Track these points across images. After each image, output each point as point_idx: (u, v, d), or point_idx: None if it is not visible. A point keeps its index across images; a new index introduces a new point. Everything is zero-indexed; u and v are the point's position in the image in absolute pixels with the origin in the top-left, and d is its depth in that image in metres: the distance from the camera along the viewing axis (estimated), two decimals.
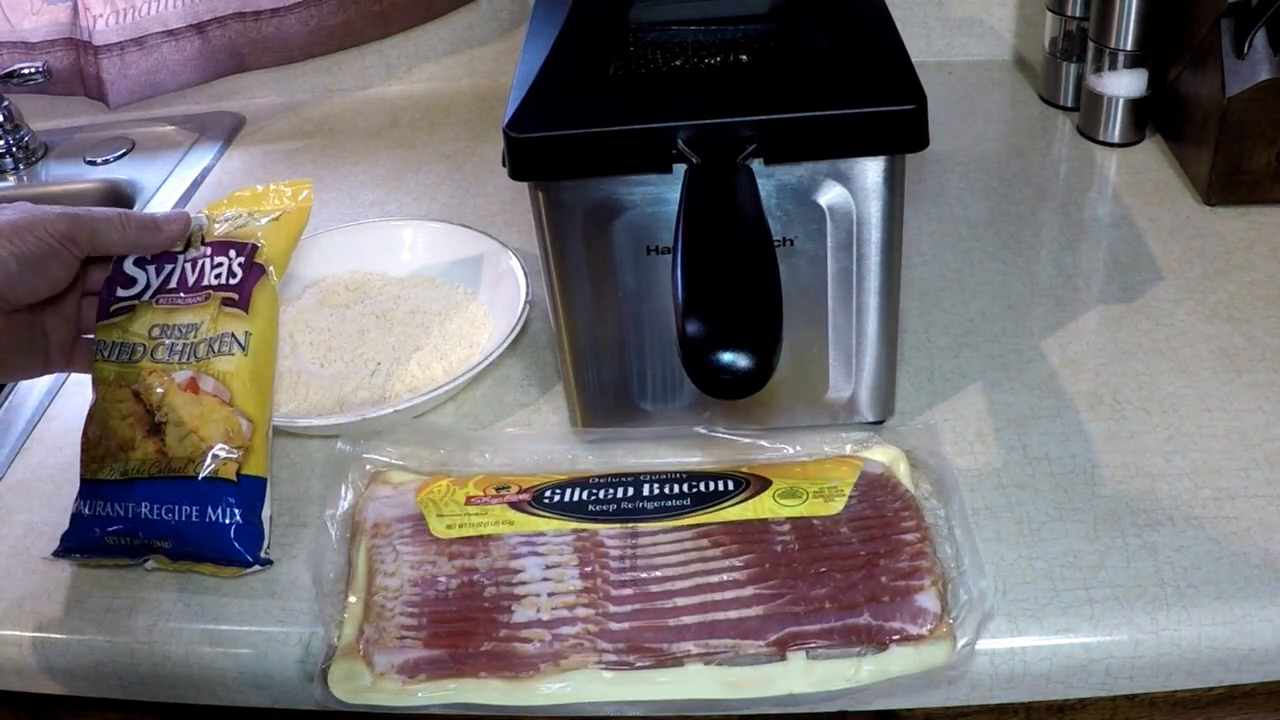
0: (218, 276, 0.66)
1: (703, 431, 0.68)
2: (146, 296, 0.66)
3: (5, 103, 1.11)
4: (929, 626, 0.56)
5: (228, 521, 0.63)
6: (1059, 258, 0.85)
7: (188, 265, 0.67)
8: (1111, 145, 0.97)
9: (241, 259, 0.67)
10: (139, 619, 0.63)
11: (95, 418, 0.65)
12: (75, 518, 0.65)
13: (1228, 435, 0.68)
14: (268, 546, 0.64)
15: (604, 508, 0.62)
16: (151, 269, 0.67)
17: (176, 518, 0.63)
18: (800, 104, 0.57)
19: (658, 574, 0.59)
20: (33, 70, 1.10)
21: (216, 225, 0.68)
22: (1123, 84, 0.94)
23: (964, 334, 0.77)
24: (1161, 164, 0.94)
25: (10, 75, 1.10)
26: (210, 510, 0.63)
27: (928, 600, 0.57)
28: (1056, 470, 0.67)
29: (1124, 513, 0.64)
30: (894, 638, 0.56)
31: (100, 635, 0.62)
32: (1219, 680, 0.60)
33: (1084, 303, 0.80)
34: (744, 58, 0.63)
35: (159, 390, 0.65)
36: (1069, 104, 1.03)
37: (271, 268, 0.67)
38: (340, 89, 1.18)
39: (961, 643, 0.56)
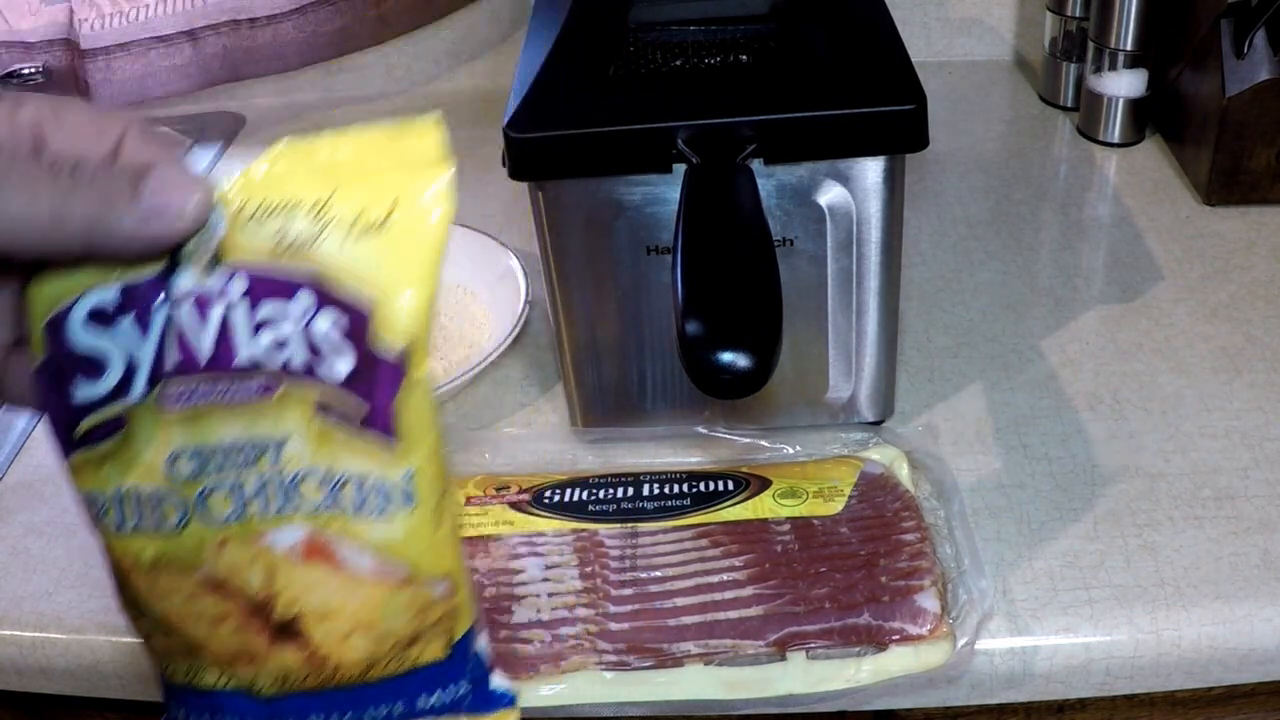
0: (279, 347, 0.35)
1: (703, 431, 0.68)
2: (137, 393, 0.35)
3: None
4: (929, 626, 0.56)
5: (450, 700, 0.41)
6: (1059, 258, 0.85)
7: (190, 310, 0.35)
8: (1111, 145, 0.97)
9: (341, 325, 0.35)
10: None
11: (144, 613, 0.39)
12: None
13: (1228, 435, 0.68)
14: (493, 669, 0.43)
15: (604, 508, 0.62)
16: (128, 323, 0.35)
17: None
18: (800, 104, 0.57)
19: (658, 574, 0.59)
20: (32, 71, 1.10)
21: (246, 228, 0.34)
22: (1123, 84, 0.94)
23: (964, 334, 0.77)
24: (1161, 164, 0.94)
25: (10, 76, 1.10)
26: (422, 698, 0.41)
27: (928, 600, 0.56)
28: (1056, 470, 0.67)
29: (1124, 513, 0.64)
30: (894, 638, 0.56)
31: (100, 635, 0.62)
32: (1219, 680, 0.60)
33: (1084, 303, 0.80)
34: (744, 58, 0.63)
35: (256, 573, 0.37)
36: (1069, 104, 1.03)
37: (412, 349, 0.35)
38: (340, 89, 1.18)
39: (961, 643, 0.56)
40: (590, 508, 0.62)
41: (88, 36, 1.08)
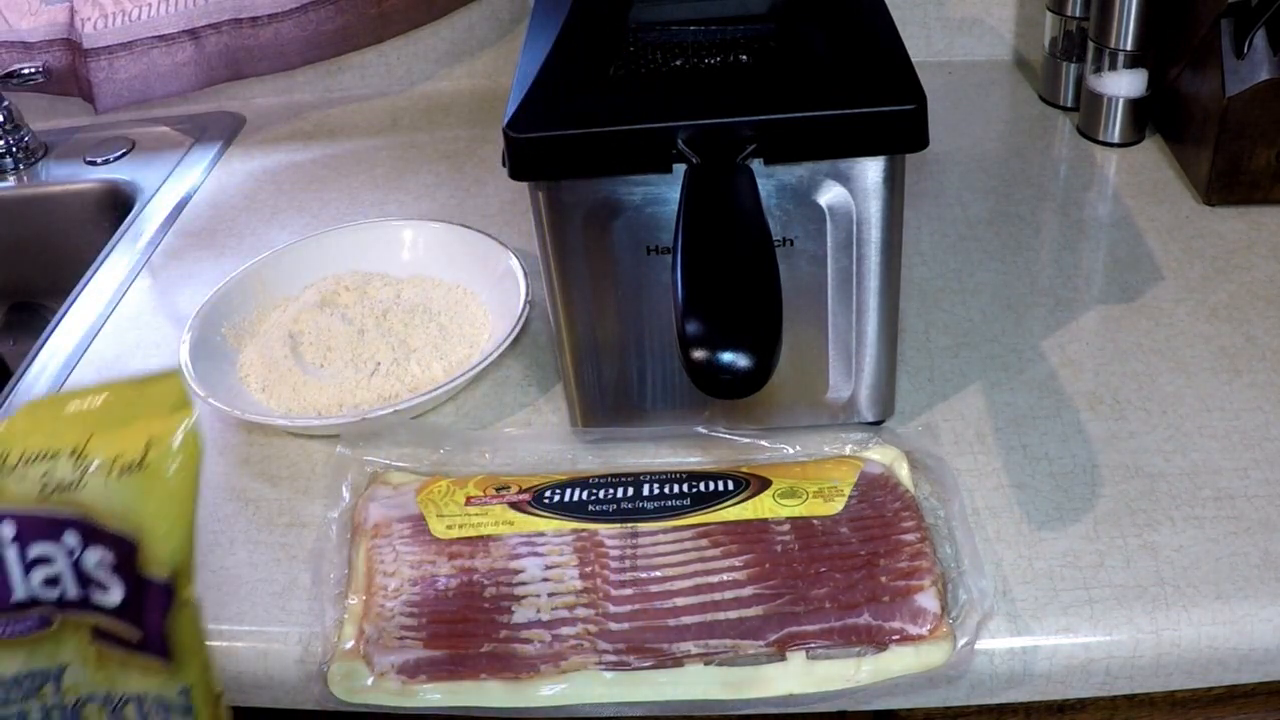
0: (53, 583, 0.38)
1: (703, 431, 0.68)
2: None
3: (5, 103, 1.11)
4: (929, 626, 0.56)
5: None
6: (1059, 258, 0.85)
7: None
8: (1111, 145, 0.97)
9: (108, 559, 0.38)
10: None
11: None
12: None
13: (1228, 435, 0.68)
14: None
15: (604, 508, 0.62)
16: None
17: None
18: (800, 104, 0.57)
19: (658, 574, 0.59)
20: (32, 70, 1.10)
21: (11, 475, 0.38)
22: (1123, 84, 0.94)
23: (964, 334, 0.77)
24: (1161, 164, 0.94)
25: (10, 76, 1.10)
26: None
27: (928, 600, 0.57)
28: (1056, 470, 0.67)
29: (1124, 513, 0.64)
30: (894, 638, 0.56)
31: None
32: (1219, 680, 0.60)
33: (1084, 303, 0.80)
34: (744, 58, 0.63)
35: None
36: (1069, 104, 1.03)
37: (178, 574, 0.39)
38: (340, 89, 1.18)
39: (961, 643, 0.56)
40: (590, 508, 0.62)
41: (90, 36, 1.08)
